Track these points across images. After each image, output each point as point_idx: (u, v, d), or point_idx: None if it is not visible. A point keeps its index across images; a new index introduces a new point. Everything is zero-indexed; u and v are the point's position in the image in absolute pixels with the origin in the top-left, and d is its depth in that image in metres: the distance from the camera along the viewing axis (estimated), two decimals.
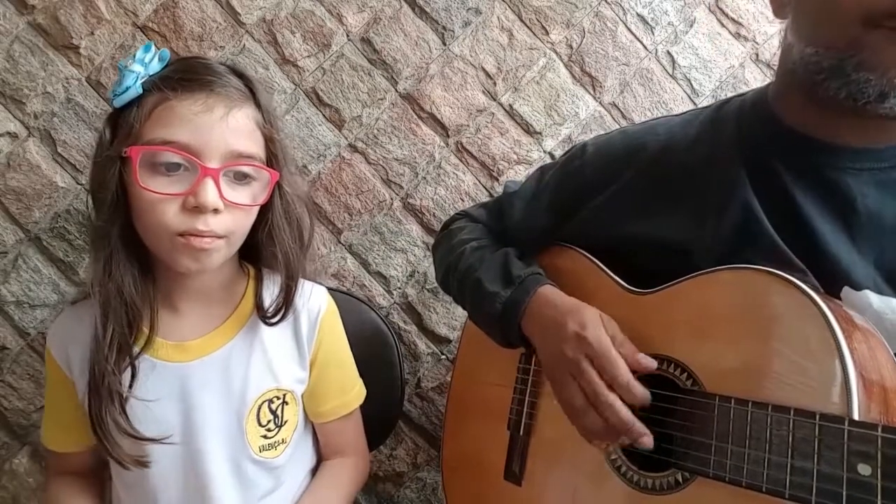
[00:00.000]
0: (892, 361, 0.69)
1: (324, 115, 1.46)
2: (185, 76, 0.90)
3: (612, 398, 0.81)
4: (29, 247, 1.39)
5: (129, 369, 0.94)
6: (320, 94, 1.45)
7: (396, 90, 1.47)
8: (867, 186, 0.78)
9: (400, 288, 1.52)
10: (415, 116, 1.48)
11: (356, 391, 1.17)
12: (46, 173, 1.38)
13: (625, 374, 0.81)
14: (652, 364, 0.83)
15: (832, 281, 0.77)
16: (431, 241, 1.48)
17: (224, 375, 1.00)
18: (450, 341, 1.53)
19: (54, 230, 1.39)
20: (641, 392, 0.81)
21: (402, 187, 1.50)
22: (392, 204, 1.50)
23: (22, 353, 1.41)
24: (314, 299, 1.10)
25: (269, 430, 1.03)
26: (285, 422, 1.05)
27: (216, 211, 0.88)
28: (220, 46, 1.41)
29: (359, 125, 1.47)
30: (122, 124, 0.90)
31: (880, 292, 0.76)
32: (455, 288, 1.14)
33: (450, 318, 1.53)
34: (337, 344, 1.14)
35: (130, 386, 0.94)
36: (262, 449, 1.02)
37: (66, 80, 1.37)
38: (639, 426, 0.81)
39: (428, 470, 1.55)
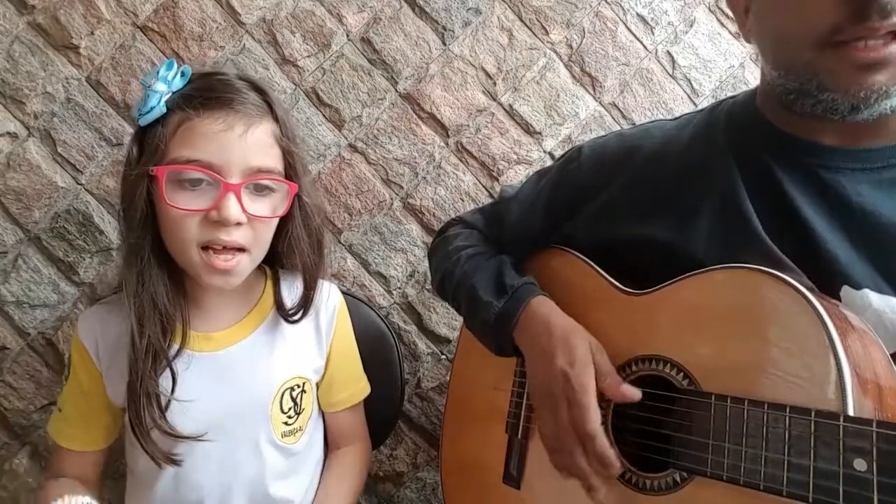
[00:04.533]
0: (887, 359, 0.69)
1: (324, 115, 1.46)
2: (207, 94, 0.95)
3: (575, 448, 0.85)
4: (29, 247, 1.40)
5: (167, 372, 0.99)
6: (320, 94, 1.45)
7: (396, 90, 1.47)
8: (861, 185, 0.79)
9: (400, 288, 1.52)
10: (415, 116, 1.48)
11: (364, 383, 1.24)
12: (46, 173, 1.38)
13: (593, 427, 0.82)
14: (636, 395, 0.83)
15: (831, 280, 0.77)
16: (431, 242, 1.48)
17: (249, 364, 1.06)
18: (450, 341, 1.53)
19: (54, 230, 1.39)
20: (606, 451, 0.82)
21: (402, 187, 1.50)
22: (392, 204, 1.50)
23: (22, 353, 1.41)
24: (332, 296, 1.17)
25: (289, 416, 1.09)
26: (303, 409, 1.11)
27: (239, 224, 0.94)
28: (220, 46, 1.41)
29: (359, 125, 1.47)
30: (148, 143, 0.95)
31: (880, 291, 0.76)
32: (450, 295, 1.15)
33: (450, 318, 1.53)
34: (350, 337, 1.22)
35: (173, 391, 0.99)
36: (284, 435, 1.08)
37: (66, 80, 1.38)
38: (593, 482, 0.84)
39: (428, 470, 1.54)
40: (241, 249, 0.96)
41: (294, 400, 1.09)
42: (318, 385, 1.15)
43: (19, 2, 1.35)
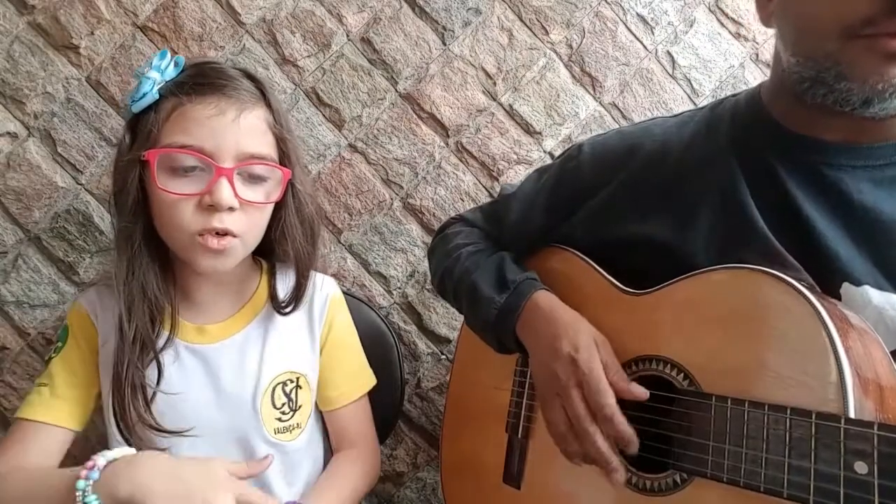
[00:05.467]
0: (887, 359, 0.69)
1: (324, 115, 1.46)
2: (199, 80, 0.95)
3: (593, 430, 0.83)
4: (29, 247, 1.40)
5: (153, 364, 0.99)
6: (320, 94, 1.45)
7: (396, 90, 1.47)
8: (862, 183, 0.79)
9: (400, 288, 1.52)
10: (415, 116, 1.48)
11: (366, 377, 1.22)
12: (46, 173, 1.38)
13: (611, 406, 0.81)
14: (644, 394, 0.82)
15: (831, 277, 0.77)
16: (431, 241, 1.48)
17: (241, 359, 1.06)
18: (450, 341, 1.53)
19: (54, 230, 1.39)
20: (625, 428, 0.81)
21: (402, 187, 1.50)
22: (392, 204, 1.50)
23: (22, 353, 1.41)
24: (324, 287, 1.17)
25: (283, 412, 1.08)
26: (300, 406, 1.10)
27: (231, 209, 0.93)
28: (220, 46, 1.41)
29: (359, 125, 1.47)
30: (141, 129, 0.95)
31: (880, 288, 0.76)
32: (451, 292, 1.14)
33: (450, 318, 1.53)
34: (345, 329, 1.20)
35: (158, 382, 0.99)
36: (278, 431, 1.07)
37: (66, 80, 1.38)
38: (614, 462, 0.82)
39: (428, 470, 1.55)
40: (234, 235, 0.96)
41: (288, 395, 1.08)
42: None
43: (19, 2, 1.35)
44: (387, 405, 1.35)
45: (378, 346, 1.34)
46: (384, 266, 1.51)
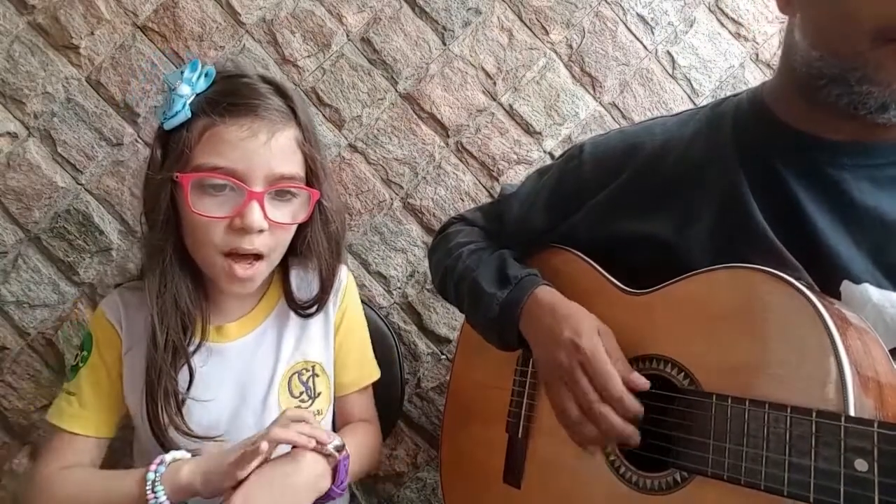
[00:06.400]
0: (887, 358, 0.69)
1: (324, 115, 1.46)
2: (231, 100, 0.95)
3: (606, 409, 0.82)
4: (29, 247, 1.40)
5: (185, 369, 1.00)
6: (320, 94, 1.45)
7: (396, 90, 1.47)
8: (862, 182, 0.79)
9: (400, 288, 1.52)
10: (415, 116, 1.48)
11: (373, 368, 1.24)
12: (46, 173, 1.38)
13: (618, 387, 0.81)
14: (645, 384, 0.82)
15: (832, 275, 0.78)
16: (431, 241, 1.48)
17: (258, 354, 1.09)
18: (450, 341, 1.53)
19: (54, 230, 1.39)
20: (633, 405, 0.81)
21: (402, 187, 1.50)
22: (392, 204, 1.50)
23: (22, 353, 1.41)
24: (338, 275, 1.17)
25: (302, 401, 1.10)
26: (319, 394, 1.12)
27: (261, 231, 0.95)
28: (220, 46, 1.41)
29: (359, 125, 1.47)
30: (173, 147, 0.96)
31: (879, 286, 0.76)
32: (452, 291, 1.14)
33: (450, 318, 1.53)
34: (357, 315, 1.23)
35: (189, 388, 1.01)
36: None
37: (66, 80, 1.38)
38: (630, 430, 0.82)
39: (428, 470, 1.54)
40: (261, 256, 0.98)
41: (305, 384, 1.10)
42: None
43: (19, 2, 1.35)
44: (387, 405, 1.34)
45: (378, 346, 1.33)
46: (384, 266, 1.51)
